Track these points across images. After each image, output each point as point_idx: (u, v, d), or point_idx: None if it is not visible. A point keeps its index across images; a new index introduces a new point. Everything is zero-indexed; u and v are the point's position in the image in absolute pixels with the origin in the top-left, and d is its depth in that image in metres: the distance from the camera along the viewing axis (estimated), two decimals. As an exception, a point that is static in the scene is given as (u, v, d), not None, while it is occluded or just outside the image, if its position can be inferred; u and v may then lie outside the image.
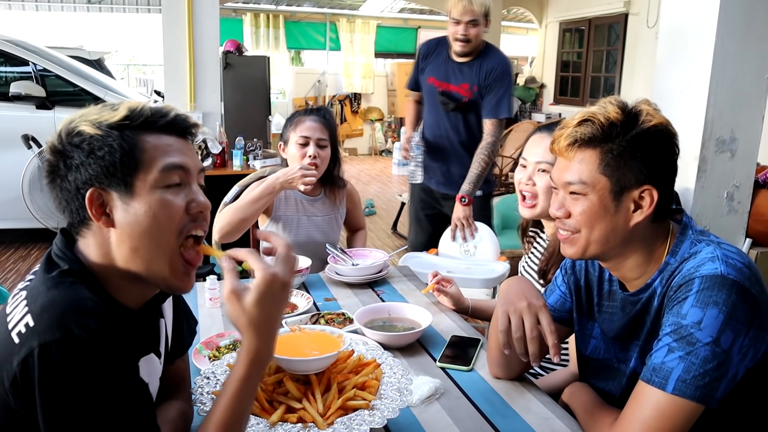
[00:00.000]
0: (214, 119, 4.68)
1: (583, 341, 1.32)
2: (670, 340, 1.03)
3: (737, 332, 1.00)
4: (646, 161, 1.08)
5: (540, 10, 9.29)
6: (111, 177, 0.91)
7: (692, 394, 0.99)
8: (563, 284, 1.35)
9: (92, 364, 0.82)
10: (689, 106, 2.96)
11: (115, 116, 0.92)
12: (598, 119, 1.08)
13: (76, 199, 0.92)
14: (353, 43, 11.76)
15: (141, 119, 0.94)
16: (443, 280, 1.84)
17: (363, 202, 7.12)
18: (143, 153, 0.92)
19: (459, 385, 1.37)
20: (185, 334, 1.20)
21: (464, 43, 2.78)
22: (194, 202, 0.96)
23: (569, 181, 1.12)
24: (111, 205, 0.92)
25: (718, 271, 1.03)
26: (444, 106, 2.89)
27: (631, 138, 1.07)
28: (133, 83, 13.22)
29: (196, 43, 4.53)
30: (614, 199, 1.09)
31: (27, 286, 0.92)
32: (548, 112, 8.83)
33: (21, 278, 4.50)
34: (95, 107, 0.96)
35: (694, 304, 1.02)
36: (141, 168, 0.92)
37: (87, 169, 0.91)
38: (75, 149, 0.91)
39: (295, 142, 2.25)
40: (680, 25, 3.02)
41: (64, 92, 5.22)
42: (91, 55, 7.82)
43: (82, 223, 0.94)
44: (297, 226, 2.32)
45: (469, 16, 2.72)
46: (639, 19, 6.93)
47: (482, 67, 2.83)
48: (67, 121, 0.94)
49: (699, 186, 2.97)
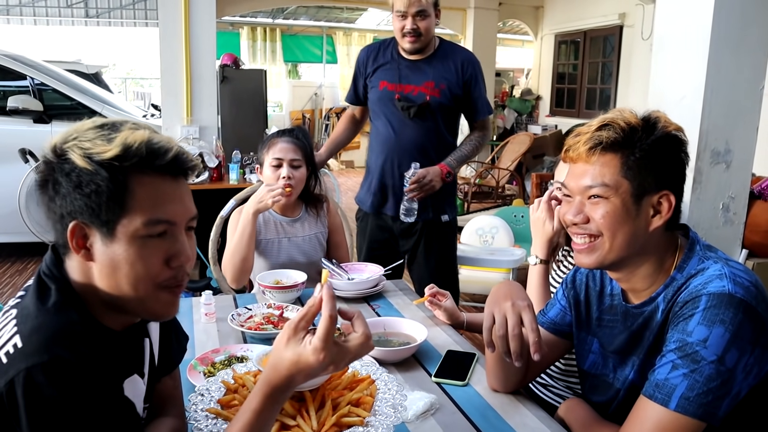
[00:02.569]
0: (210, 133, 4.69)
1: (581, 356, 1.31)
2: (675, 357, 1.02)
3: (742, 351, 1.00)
4: (664, 166, 1.09)
5: (535, 23, 9.35)
6: (94, 216, 0.87)
7: (695, 412, 0.99)
8: (563, 298, 1.35)
9: (79, 387, 0.81)
10: (684, 117, 2.97)
11: (108, 152, 0.85)
12: (619, 123, 1.09)
13: (60, 225, 0.89)
14: (350, 55, 11.82)
15: (135, 159, 0.87)
16: (438, 294, 1.83)
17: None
18: (131, 198, 0.87)
19: (454, 400, 1.36)
20: (174, 351, 1.18)
21: (414, 38, 2.43)
22: (175, 257, 0.91)
23: (590, 185, 1.12)
24: (92, 241, 0.88)
25: (725, 289, 1.02)
26: (405, 112, 2.49)
27: (652, 142, 1.08)
28: (131, 97, 13.26)
29: (193, 57, 4.55)
30: (635, 203, 1.10)
31: (18, 303, 0.91)
32: (545, 124, 8.86)
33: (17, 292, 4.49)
34: (93, 128, 0.90)
35: (701, 321, 1.02)
36: (125, 213, 0.87)
37: (72, 201, 0.87)
38: (64, 177, 0.87)
39: (268, 164, 2.24)
40: (674, 37, 3.04)
41: (62, 106, 5.24)
42: (89, 69, 7.84)
43: (65, 246, 0.91)
44: (278, 248, 2.29)
45: (416, 7, 2.38)
46: (634, 31, 6.97)
47: (449, 63, 2.52)
48: (62, 138, 0.89)
49: (695, 197, 2.97)
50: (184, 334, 1.22)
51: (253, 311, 1.86)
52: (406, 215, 2.47)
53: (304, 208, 2.36)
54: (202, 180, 4.35)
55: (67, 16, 9.11)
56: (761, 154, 3.26)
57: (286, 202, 2.25)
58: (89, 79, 7.03)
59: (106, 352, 0.87)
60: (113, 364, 0.89)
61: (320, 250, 2.36)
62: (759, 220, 3.13)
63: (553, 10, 8.97)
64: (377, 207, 2.65)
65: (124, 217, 0.87)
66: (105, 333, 0.91)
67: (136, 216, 0.87)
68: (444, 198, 2.58)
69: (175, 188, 0.91)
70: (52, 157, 0.88)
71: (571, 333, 1.34)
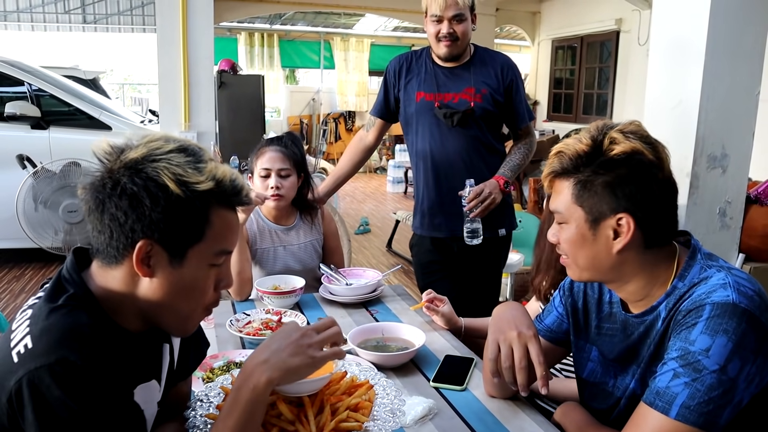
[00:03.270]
0: (208, 138, 4.69)
1: (579, 364, 1.31)
2: (676, 365, 1.02)
3: (745, 360, 1.00)
4: (614, 188, 1.08)
5: (533, 28, 9.39)
6: (171, 240, 0.90)
7: (695, 420, 0.99)
8: (560, 305, 1.36)
9: (84, 389, 0.83)
10: (680, 123, 2.99)
11: (202, 184, 0.90)
12: (568, 152, 1.11)
13: (125, 238, 0.90)
14: (347, 61, 11.85)
15: (222, 196, 0.93)
16: (436, 299, 1.84)
17: (357, 220, 7.15)
18: (210, 229, 0.93)
19: (452, 404, 1.36)
20: (192, 358, 1.20)
21: (450, 42, 2.29)
22: (223, 281, 0.99)
23: (553, 210, 1.16)
24: (156, 260, 0.91)
25: (729, 298, 1.02)
26: (448, 120, 2.33)
27: (596, 167, 1.09)
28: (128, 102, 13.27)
29: (190, 63, 4.55)
30: (591, 228, 1.11)
31: (34, 304, 0.93)
32: (542, 129, 8.88)
33: (14, 298, 4.49)
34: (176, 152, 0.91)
35: (704, 330, 1.01)
36: (201, 242, 0.92)
37: (153, 221, 0.88)
38: (148, 195, 0.88)
39: (257, 174, 2.24)
40: (670, 43, 3.05)
41: (59, 112, 5.22)
42: (87, 75, 7.84)
43: (116, 258, 0.92)
44: (274, 257, 2.29)
45: (453, 11, 2.25)
46: (630, 37, 7.00)
47: (489, 69, 2.39)
48: (146, 155, 0.90)
49: (691, 202, 2.98)
50: (206, 341, 1.26)
51: (251, 317, 1.86)
52: (471, 237, 2.27)
53: (298, 215, 2.37)
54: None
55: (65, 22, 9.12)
56: (757, 158, 3.28)
57: (277, 209, 2.26)
58: (87, 85, 7.04)
59: (119, 354, 0.89)
60: (126, 367, 0.91)
61: (316, 257, 2.36)
62: (755, 225, 3.14)
63: (549, 15, 9.00)
64: (431, 229, 2.47)
65: (198, 245, 0.92)
66: (122, 335, 0.93)
67: (209, 245, 0.94)
68: (501, 211, 2.37)
69: (237, 221, 0.99)
70: (128, 170, 0.89)
71: (567, 340, 1.34)
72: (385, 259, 5.75)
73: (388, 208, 8.21)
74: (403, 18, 9.99)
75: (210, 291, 0.97)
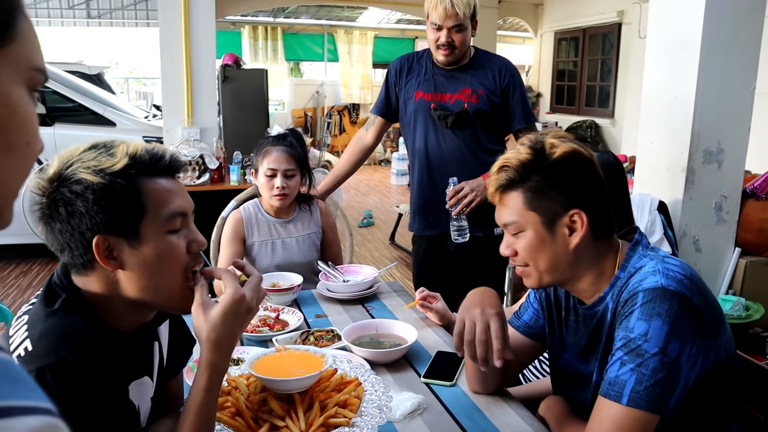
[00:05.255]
0: (211, 134, 4.73)
1: (554, 355, 1.36)
2: (621, 354, 1.09)
3: (683, 341, 1.05)
4: (563, 188, 1.15)
5: (535, 20, 9.37)
6: (118, 225, 0.94)
7: (646, 405, 1.04)
8: (535, 301, 1.41)
9: (83, 387, 0.87)
10: (676, 118, 3.01)
11: (117, 164, 0.94)
12: (512, 163, 1.17)
13: (81, 244, 0.94)
14: (351, 54, 11.86)
15: (142, 166, 0.96)
16: (429, 297, 1.88)
17: (361, 213, 7.19)
18: (148, 200, 0.96)
19: (441, 400, 1.41)
20: (180, 355, 1.25)
21: (448, 51, 2.34)
22: (194, 242, 1.03)
23: (505, 223, 1.21)
24: (118, 250, 0.95)
25: (658, 283, 1.09)
26: (442, 122, 2.39)
27: (543, 171, 1.15)
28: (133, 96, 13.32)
29: (193, 60, 4.58)
30: (548, 229, 1.17)
31: (29, 310, 0.98)
32: (545, 121, 8.88)
33: (22, 293, 4.56)
34: (88, 150, 0.97)
35: (640, 317, 1.08)
36: (147, 215, 0.96)
37: (92, 216, 0.92)
38: (77, 197, 0.92)
39: (263, 173, 2.29)
40: (666, 39, 3.07)
41: (64, 108, 5.27)
42: (91, 70, 7.88)
43: (85, 265, 0.96)
44: (272, 250, 2.34)
45: (453, 21, 2.28)
46: (631, 29, 7.00)
47: (486, 71, 2.42)
48: (60, 166, 0.95)
49: (687, 197, 3.01)
50: (191, 339, 1.29)
51: None
52: (458, 235, 2.32)
53: (297, 208, 2.41)
54: (203, 181, 4.41)
55: (69, 17, 9.16)
56: (754, 151, 3.30)
57: (281, 207, 2.31)
58: (92, 80, 7.08)
59: (113, 354, 0.94)
60: (120, 366, 0.96)
61: (314, 251, 2.40)
62: (751, 219, 3.16)
63: (552, 7, 8.98)
64: (423, 227, 2.53)
65: (146, 217, 0.96)
66: (114, 336, 0.98)
67: (157, 214, 0.97)
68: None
69: (176, 185, 1.02)
70: (53, 186, 0.94)
71: (544, 335, 1.39)
72: (387, 253, 5.78)
73: (392, 200, 8.25)
74: (405, 11, 9.99)
75: (182, 257, 1.00)
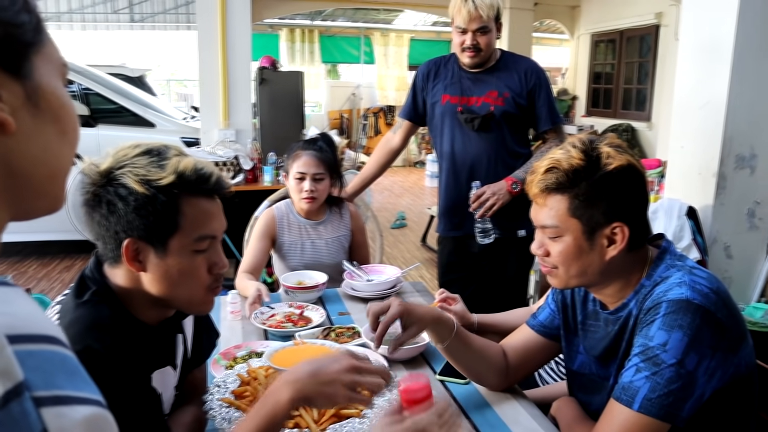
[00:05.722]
0: (246, 136, 4.85)
1: (570, 357, 1.39)
2: (638, 361, 1.10)
3: (702, 355, 1.06)
4: (612, 200, 1.15)
5: (572, 23, 9.29)
6: (150, 234, 1.01)
7: (657, 413, 1.06)
8: (553, 302, 1.43)
9: (107, 374, 0.94)
10: (708, 122, 2.98)
11: (164, 179, 1.00)
12: (563, 166, 1.16)
13: (113, 240, 1.02)
14: (387, 56, 11.93)
15: (187, 185, 1.02)
16: (449, 298, 1.92)
17: (394, 214, 7.24)
18: (183, 218, 1.02)
19: (455, 397, 1.45)
20: (204, 346, 1.32)
21: (473, 53, 2.37)
22: (216, 265, 1.08)
23: (543, 225, 1.21)
24: (144, 255, 1.02)
25: (683, 296, 1.09)
26: (469, 125, 2.42)
27: (595, 181, 1.14)
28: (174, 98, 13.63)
29: (229, 64, 4.70)
30: (588, 238, 1.17)
31: (61, 300, 1.06)
32: (581, 124, 8.80)
33: (65, 288, 4.73)
34: (142, 155, 1.03)
35: (661, 326, 1.09)
36: (178, 231, 1.02)
37: (129, 221, 1.00)
38: (120, 199, 0.99)
39: (293, 176, 2.36)
40: (698, 43, 3.05)
41: (106, 110, 5.46)
42: (134, 72, 8.11)
43: (115, 259, 1.04)
44: (301, 250, 2.41)
45: (477, 24, 2.31)
46: (669, 31, 6.89)
47: (513, 73, 2.44)
48: (114, 164, 1.02)
49: (718, 203, 2.98)
50: (215, 332, 1.37)
51: (275, 310, 1.98)
52: (483, 236, 2.36)
53: (328, 210, 2.48)
54: (238, 182, 4.51)
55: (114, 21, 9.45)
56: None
57: (310, 210, 2.38)
58: (134, 82, 7.29)
59: (137, 344, 1.01)
60: (144, 355, 1.03)
61: (342, 252, 2.46)
62: (785, 225, 3.10)
63: (589, 9, 8.89)
64: (448, 228, 2.59)
65: (177, 234, 1.02)
66: (140, 327, 1.06)
67: (187, 234, 1.02)
68: (520, 211, 2.22)
69: (215, 207, 1.07)
70: (103, 180, 1.02)
71: (559, 335, 1.42)
72: (419, 254, 5.82)
73: (425, 202, 8.28)
74: (441, 14, 10.00)
75: (203, 276, 1.06)
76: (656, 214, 2.98)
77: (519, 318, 1.70)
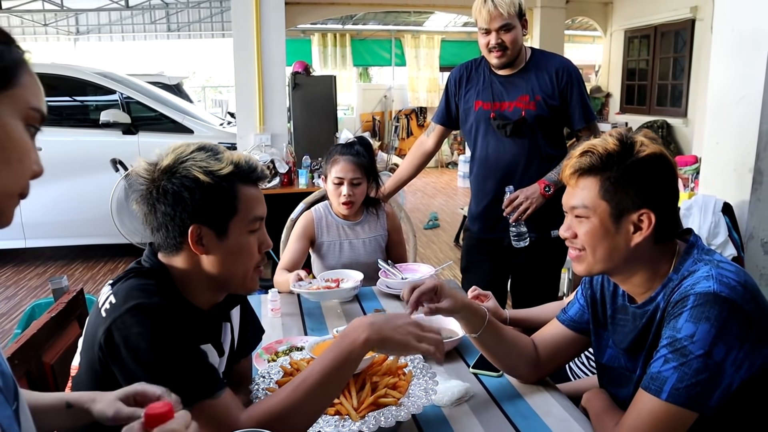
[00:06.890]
0: (281, 140, 4.95)
1: (599, 350, 1.42)
2: (666, 352, 1.13)
3: (730, 345, 1.09)
4: (641, 187, 1.19)
5: (604, 19, 9.20)
6: (213, 219, 1.14)
7: (684, 402, 1.09)
8: (582, 297, 1.47)
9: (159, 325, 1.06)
10: (743, 117, 2.96)
11: (224, 169, 1.13)
12: (598, 150, 1.21)
13: (178, 227, 1.14)
14: (418, 58, 11.99)
15: (241, 174, 1.16)
16: (481, 295, 1.96)
17: (427, 215, 7.29)
18: (240, 203, 1.16)
19: (488, 389, 1.50)
20: (250, 339, 1.42)
21: (500, 53, 2.35)
22: (264, 243, 1.22)
23: (573, 206, 1.26)
24: (207, 238, 1.15)
25: (711, 288, 1.12)
26: (501, 131, 2.42)
27: (627, 166, 1.19)
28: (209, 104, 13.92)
29: (264, 69, 4.82)
30: (614, 221, 1.21)
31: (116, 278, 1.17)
32: (614, 122, 8.71)
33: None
34: (198, 151, 1.16)
35: (688, 318, 1.12)
36: (236, 215, 1.15)
37: (195, 208, 1.12)
38: (186, 189, 1.12)
39: (331, 180, 2.43)
40: (733, 37, 3.02)
41: (146, 118, 5.64)
42: (171, 80, 8.34)
43: (176, 246, 1.16)
44: (340, 250, 2.48)
45: (499, 22, 2.30)
46: (705, 25, 6.78)
47: (543, 73, 2.42)
48: (176, 159, 1.14)
49: (755, 198, 2.95)
50: (260, 328, 1.49)
51: (314, 282, 2.17)
52: (518, 240, 2.39)
53: (365, 211, 2.54)
54: (274, 185, 4.62)
55: (151, 31, 9.72)
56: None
57: (348, 213, 2.45)
58: (171, 90, 7.51)
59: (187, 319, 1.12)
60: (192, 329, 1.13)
61: (380, 252, 2.53)
62: (824, 220, 3.05)
63: (622, 5, 8.80)
64: (483, 232, 2.60)
65: (236, 217, 1.15)
66: (190, 308, 1.17)
67: (243, 216, 1.16)
68: (553, 212, 2.30)
69: (260, 193, 1.22)
70: (166, 175, 1.14)
71: (588, 329, 1.45)
72: (452, 254, 5.85)
73: (458, 203, 8.30)
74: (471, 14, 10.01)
75: (255, 253, 1.20)
76: (691, 211, 2.97)
77: (550, 313, 1.74)
